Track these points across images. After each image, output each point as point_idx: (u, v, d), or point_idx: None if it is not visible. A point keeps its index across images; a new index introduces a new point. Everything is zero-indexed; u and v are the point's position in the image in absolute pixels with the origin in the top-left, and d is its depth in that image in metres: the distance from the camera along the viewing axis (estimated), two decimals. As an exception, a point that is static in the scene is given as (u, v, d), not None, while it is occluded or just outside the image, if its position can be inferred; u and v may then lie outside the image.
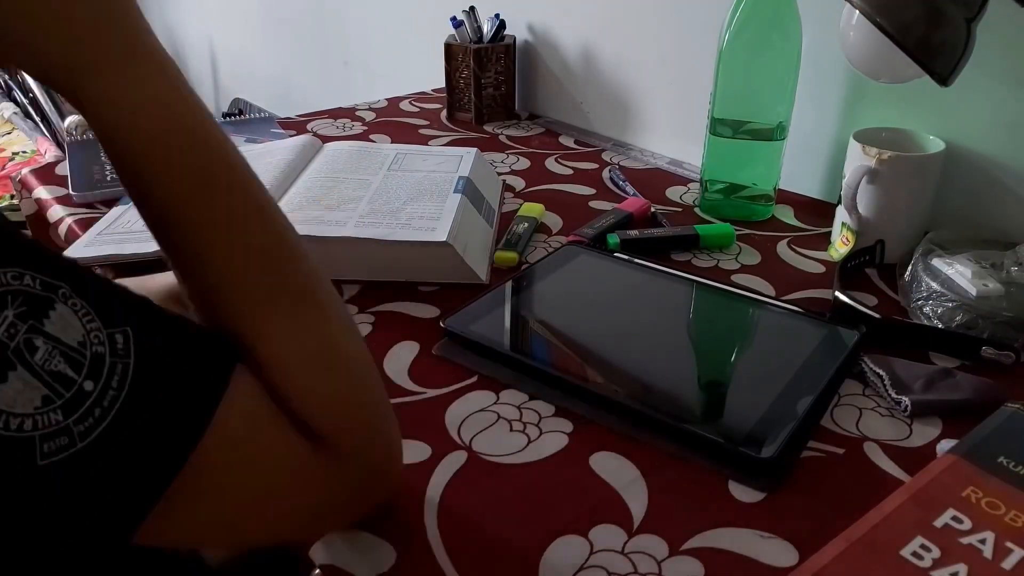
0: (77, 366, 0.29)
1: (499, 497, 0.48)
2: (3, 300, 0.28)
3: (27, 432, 0.28)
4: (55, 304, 0.29)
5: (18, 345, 0.28)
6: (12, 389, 0.27)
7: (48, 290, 0.29)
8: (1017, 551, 0.40)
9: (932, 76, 0.62)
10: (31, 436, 0.28)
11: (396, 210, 0.74)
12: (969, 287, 0.64)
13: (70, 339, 0.29)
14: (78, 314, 0.30)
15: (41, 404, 0.28)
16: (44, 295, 0.29)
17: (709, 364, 0.62)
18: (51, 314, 0.29)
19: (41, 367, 0.28)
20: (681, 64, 1.01)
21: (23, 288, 0.29)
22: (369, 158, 0.88)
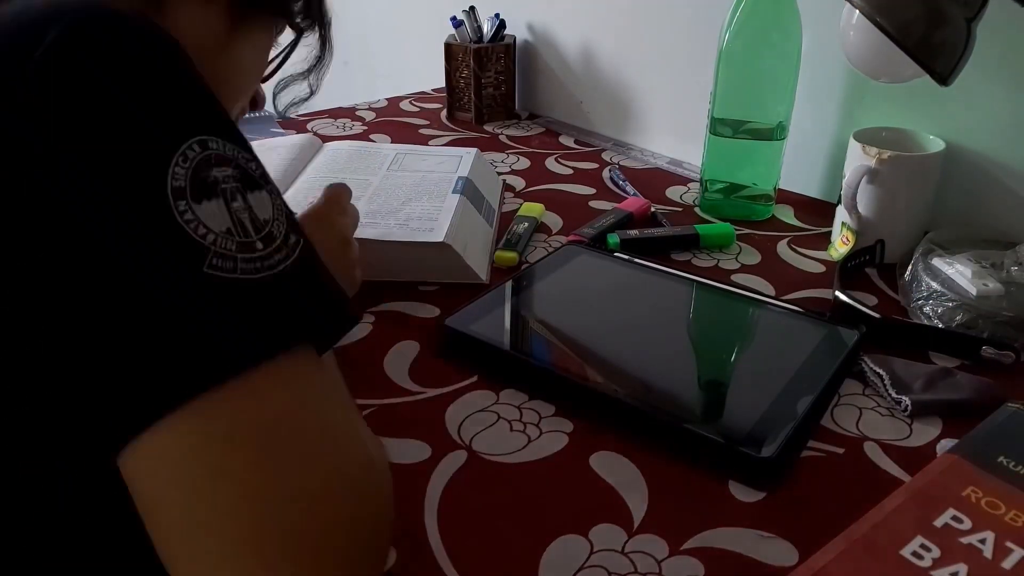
0: (257, 229, 0.35)
1: (499, 497, 0.48)
2: (229, 161, 0.35)
3: (207, 243, 0.33)
4: (262, 189, 0.37)
5: (227, 188, 0.35)
6: (211, 209, 0.34)
7: (262, 179, 0.37)
8: (1017, 551, 0.40)
9: (932, 76, 0.62)
10: (208, 247, 0.33)
11: (395, 210, 0.75)
12: (969, 287, 0.64)
13: (260, 213, 0.36)
14: (274, 205, 0.37)
15: (224, 231, 0.34)
16: (257, 180, 0.37)
17: (709, 364, 0.62)
18: (256, 192, 0.36)
19: (233, 211, 0.35)
20: (681, 64, 1.01)
21: (247, 167, 0.36)
22: (369, 158, 0.88)
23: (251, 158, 0.37)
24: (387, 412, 0.56)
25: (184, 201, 0.33)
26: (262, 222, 0.36)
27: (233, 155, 0.36)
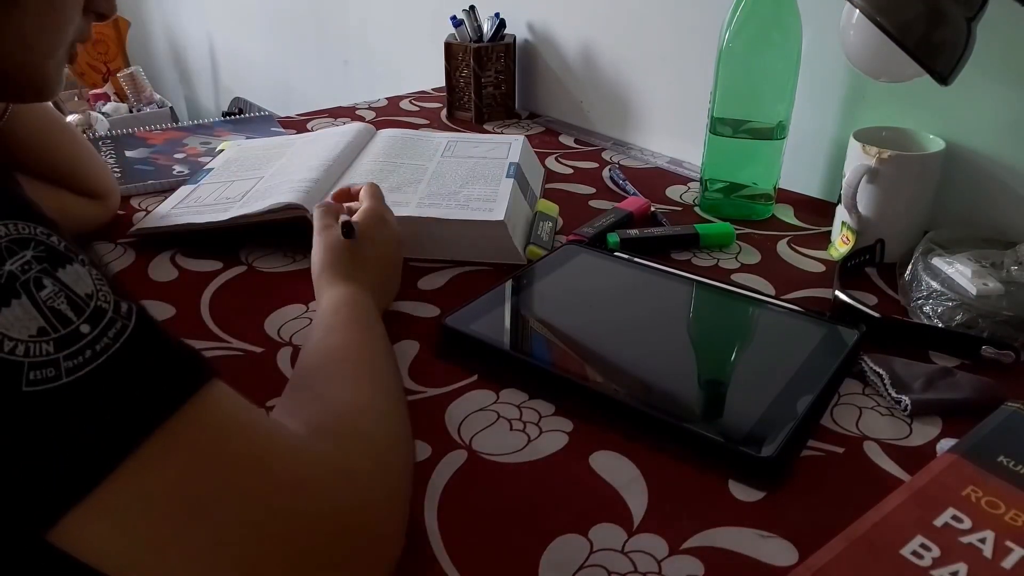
0: (78, 311, 0.32)
1: (499, 496, 0.48)
2: (26, 243, 0.31)
3: (18, 357, 0.29)
4: (73, 262, 0.32)
5: (27, 279, 0.30)
6: (12, 315, 0.30)
7: (70, 252, 0.33)
8: (1017, 550, 0.40)
9: (932, 75, 0.62)
10: (20, 361, 0.29)
11: (454, 192, 0.80)
12: (969, 286, 0.64)
13: (79, 289, 0.32)
14: (92, 276, 0.33)
15: (36, 334, 0.30)
16: (65, 253, 0.32)
17: (709, 363, 0.62)
18: (67, 267, 0.32)
19: (44, 302, 0.31)
20: (681, 63, 1.01)
21: (48, 242, 0.32)
22: (422, 144, 0.93)
23: (50, 230, 0.32)
24: (387, 411, 0.55)
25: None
26: (84, 298, 0.32)
27: (30, 233, 0.31)
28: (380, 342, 0.56)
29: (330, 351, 0.52)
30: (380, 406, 0.48)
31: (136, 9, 2.81)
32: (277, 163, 0.88)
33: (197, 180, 0.87)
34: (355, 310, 0.57)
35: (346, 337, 0.54)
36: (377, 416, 0.47)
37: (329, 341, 0.53)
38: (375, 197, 0.69)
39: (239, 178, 0.85)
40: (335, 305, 0.57)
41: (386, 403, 0.49)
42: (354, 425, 0.44)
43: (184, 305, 0.68)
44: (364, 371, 0.50)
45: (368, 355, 0.53)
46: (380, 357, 0.53)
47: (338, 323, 0.55)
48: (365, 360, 0.52)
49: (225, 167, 0.90)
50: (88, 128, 1.97)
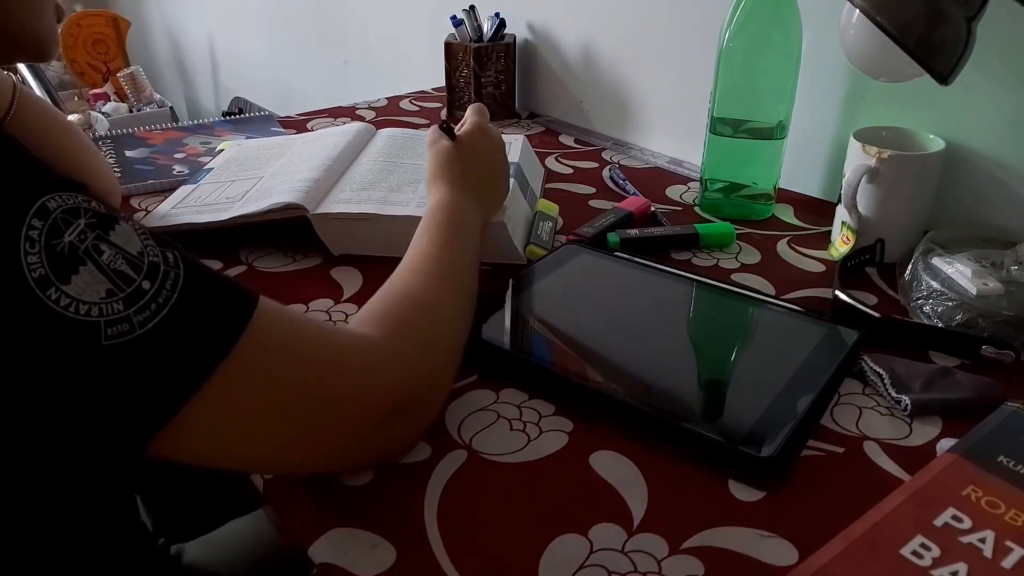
0: (137, 269, 0.36)
1: (499, 496, 0.48)
2: (76, 212, 0.34)
3: (94, 317, 0.33)
4: (119, 221, 0.36)
5: (87, 247, 0.34)
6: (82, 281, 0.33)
7: (112, 212, 0.36)
8: (1017, 550, 0.40)
9: (932, 75, 0.62)
10: (96, 321, 0.33)
11: None
12: (969, 286, 0.64)
13: (131, 248, 0.36)
14: (136, 232, 0.37)
15: (105, 295, 0.34)
16: (109, 215, 0.36)
17: (709, 363, 0.62)
18: (116, 227, 0.36)
19: (106, 266, 0.34)
20: (681, 63, 1.01)
21: (92, 207, 0.35)
22: (423, 144, 0.91)
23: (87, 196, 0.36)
24: (387, 411, 0.55)
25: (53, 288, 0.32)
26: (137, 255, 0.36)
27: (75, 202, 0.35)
28: (463, 244, 0.61)
29: (415, 249, 0.59)
30: (436, 299, 0.55)
31: (136, 9, 2.81)
32: (277, 163, 0.88)
33: (197, 180, 0.87)
34: (450, 214, 0.63)
35: (433, 238, 0.60)
36: (430, 307, 0.54)
37: (418, 241, 0.60)
38: (479, 113, 0.75)
39: (239, 178, 0.85)
40: (434, 208, 0.64)
41: (446, 297, 0.55)
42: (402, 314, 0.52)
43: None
44: (436, 268, 0.57)
45: (447, 254, 0.59)
46: (458, 258, 0.60)
47: (432, 225, 0.62)
48: (441, 259, 0.58)
49: (225, 167, 0.90)
50: (88, 128, 1.97)
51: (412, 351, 0.49)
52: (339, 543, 0.45)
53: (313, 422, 0.43)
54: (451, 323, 0.55)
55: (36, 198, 0.33)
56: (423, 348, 0.50)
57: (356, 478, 0.49)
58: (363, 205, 0.75)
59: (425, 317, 0.53)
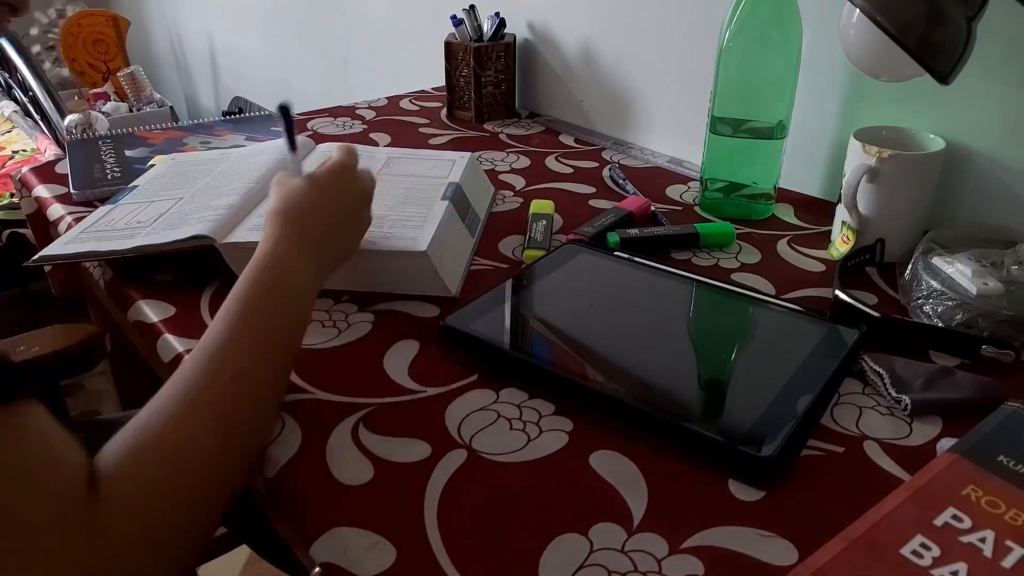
0: None
1: (499, 496, 0.48)
2: None
3: None
4: None
5: None
6: None
7: None
8: (1017, 550, 0.40)
9: (932, 75, 0.62)
10: None
11: (380, 217, 0.72)
12: (969, 286, 0.64)
13: None
14: None
15: None
16: None
17: (709, 363, 0.62)
18: None
19: None
20: (681, 62, 1.01)
21: None
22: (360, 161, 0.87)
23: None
24: (387, 411, 0.56)
25: None
26: None
27: None
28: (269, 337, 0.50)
29: (200, 351, 0.48)
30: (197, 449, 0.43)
31: (136, 9, 2.81)
32: (203, 181, 0.82)
33: (117, 200, 0.81)
34: (266, 274, 0.52)
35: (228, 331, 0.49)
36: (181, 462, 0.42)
37: (209, 334, 0.49)
38: (347, 152, 0.65)
39: (159, 198, 0.79)
40: (256, 264, 0.53)
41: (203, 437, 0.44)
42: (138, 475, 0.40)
43: (184, 305, 0.68)
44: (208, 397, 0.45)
45: (235, 367, 0.47)
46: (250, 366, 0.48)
47: (239, 301, 0.50)
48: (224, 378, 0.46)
49: (150, 185, 0.84)
50: (88, 127, 1.97)
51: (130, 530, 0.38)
52: (339, 542, 0.45)
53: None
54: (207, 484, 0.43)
55: None
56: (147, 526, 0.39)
57: (356, 477, 0.49)
58: None
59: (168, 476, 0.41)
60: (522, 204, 0.89)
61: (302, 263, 0.55)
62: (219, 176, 0.83)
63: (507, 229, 0.83)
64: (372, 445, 0.52)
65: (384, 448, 0.52)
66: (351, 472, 0.50)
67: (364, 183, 0.64)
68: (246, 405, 0.47)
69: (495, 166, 1.00)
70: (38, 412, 0.37)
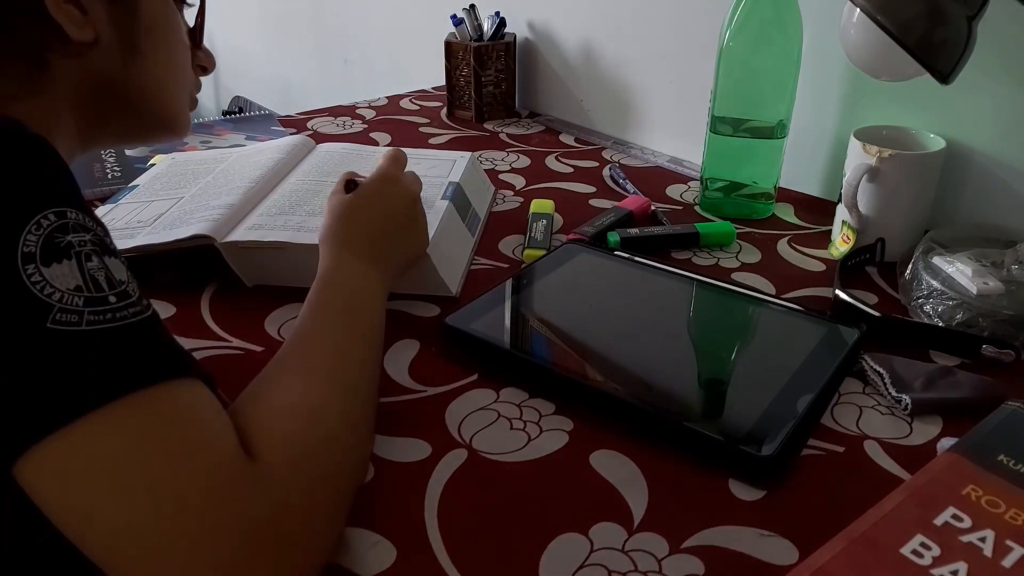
0: (112, 286, 0.39)
1: (499, 495, 0.48)
2: (88, 230, 0.39)
3: (52, 301, 0.37)
4: (117, 256, 0.41)
5: (80, 251, 0.39)
6: (60, 270, 0.37)
7: (116, 251, 0.41)
8: (1017, 549, 0.40)
9: (933, 74, 0.62)
10: (52, 304, 0.36)
11: None
12: (969, 285, 0.64)
13: (116, 274, 0.40)
14: (127, 271, 0.41)
15: (73, 289, 0.37)
16: (113, 248, 0.41)
17: (709, 362, 0.62)
18: (112, 258, 0.40)
19: (87, 270, 0.38)
20: (681, 62, 1.01)
21: (104, 237, 0.41)
22: (360, 161, 0.86)
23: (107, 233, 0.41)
24: (387, 411, 0.56)
25: (33, 265, 0.37)
26: (118, 281, 0.40)
27: (93, 227, 0.40)
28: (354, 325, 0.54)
29: (296, 338, 0.52)
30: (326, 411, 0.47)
31: (136, 8, 2.81)
32: (203, 180, 0.82)
33: (117, 199, 0.81)
34: (338, 288, 0.56)
35: (317, 322, 0.53)
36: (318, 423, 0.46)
37: (301, 326, 0.53)
38: (391, 159, 0.67)
39: (159, 197, 0.79)
40: (322, 279, 0.57)
41: (334, 401, 0.48)
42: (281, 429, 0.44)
43: (185, 304, 0.68)
44: (319, 364, 0.50)
45: (332, 343, 0.52)
46: (346, 345, 0.52)
47: (318, 303, 0.55)
48: (326, 352, 0.51)
49: (150, 184, 0.84)
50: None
51: (292, 484, 0.42)
52: (340, 542, 0.45)
53: (151, 522, 0.37)
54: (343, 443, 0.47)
55: (61, 205, 0.39)
56: (307, 481, 0.43)
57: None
58: (275, 232, 0.69)
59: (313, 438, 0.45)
60: (522, 204, 0.89)
61: (365, 270, 0.59)
62: (219, 175, 0.82)
63: (507, 229, 0.83)
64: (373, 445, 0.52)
65: (384, 448, 0.52)
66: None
67: (409, 188, 0.66)
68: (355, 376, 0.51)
69: (495, 166, 1.00)
70: (201, 388, 0.42)
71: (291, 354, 0.51)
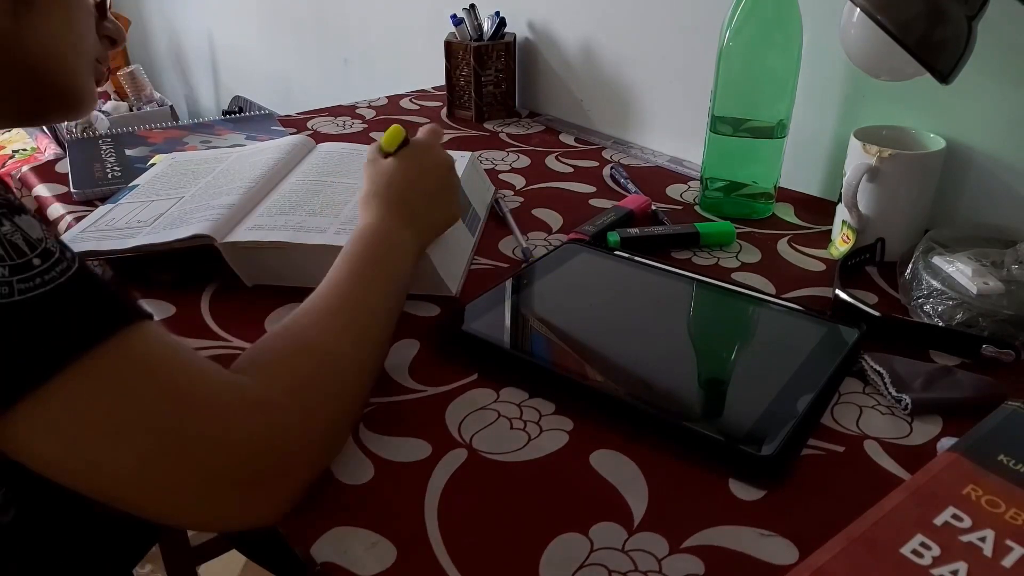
0: (32, 247, 0.38)
1: (499, 495, 0.48)
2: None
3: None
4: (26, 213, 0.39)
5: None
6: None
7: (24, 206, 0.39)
8: (1017, 549, 0.40)
9: (933, 74, 0.62)
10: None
11: None
12: (969, 285, 0.64)
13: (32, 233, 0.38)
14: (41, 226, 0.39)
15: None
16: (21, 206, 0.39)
17: (709, 362, 0.62)
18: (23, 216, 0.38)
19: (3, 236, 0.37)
20: (682, 62, 1.01)
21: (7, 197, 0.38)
22: (360, 160, 0.83)
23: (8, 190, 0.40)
24: (387, 410, 0.56)
25: None
26: (36, 240, 0.38)
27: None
28: (381, 281, 0.57)
29: (326, 282, 0.55)
30: (333, 347, 0.50)
31: (136, 7, 2.81)
32: (203, 180, 0.81)
33: (117, 199, 0.81)
34: (374, 243, 0.59)
35: (347, 272, 0.56)
36: (323, 356, 0.49)
37: (332, 274, 0.56)
38: (430, 132, 0.71)
39: (160, 197, 0.79)
40: (358, 235, 0.60)
41: (346, 347, 0.51)
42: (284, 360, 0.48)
43: (185, 304, 0.68)
44: (340, 309, 0.53)
45: (358, 294, 0.55)
46: (370, 298, 0.55)
47: (351, 256, 0.58)
48: (350, 298, 0.54)
49: (150, 184, 0.84)
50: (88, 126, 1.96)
51: (288, 404, 0.44)
52: (340, 542, 0.45)
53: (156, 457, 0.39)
54: (346, 376, 0.50)
55: None
56: (304, 403, 0.46)
57: (356, 477, 0.50)
58: (275, 232, 0.69)
59: (315, 367, 0.48)
60: (523, 203, 0.89)
61: (401, 231, 0.61)
62: (219, 175, 0.82)
63: (507, 228, 0.83)
64: (373, 444, 0.52)
65: (384, 447, 0.52)
66: (351, 471, 0.50)
67: (445, 157, 0.70)
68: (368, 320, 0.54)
69: (495, 165, 1.00)
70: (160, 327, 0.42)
71: (317, 295, 0.54)
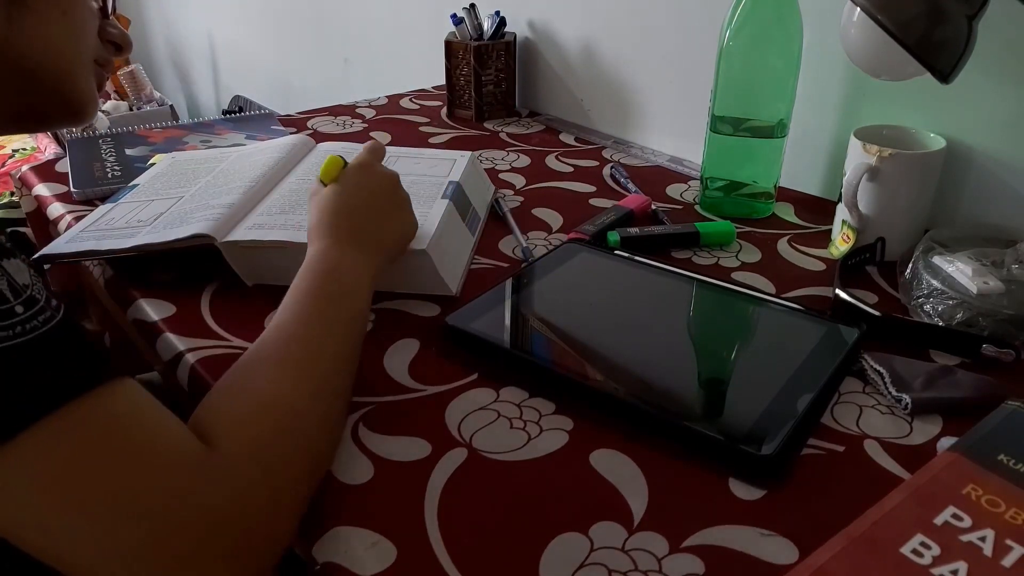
0: (16, 294, 0.37)
1: (499, 494, 0.48)
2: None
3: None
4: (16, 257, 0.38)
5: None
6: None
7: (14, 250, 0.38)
8: (1017, 548, 0.40)
9: (933, 73, 0.62)
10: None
11: None
12: (970, 285, 0.64)
13: (19, 279, 0.37)
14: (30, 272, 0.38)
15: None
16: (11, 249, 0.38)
17: (709, 362, 0.62)
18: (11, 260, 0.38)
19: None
20: (682, 61, 1.01)
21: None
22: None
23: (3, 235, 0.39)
24: (387, 410, 0.56)
25: None
26: (22, 286, 0.37)
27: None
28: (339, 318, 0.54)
29: (273, 329, 0.52)
30: (293, 402, 0.47)
31: (136, 7, 2.81)
32: (203, 180, 0.81)
33: (117, 199, 0.81)
34: (326, 270, 0.56)
35: (300, 311, 0.53)
36: (283, 414, 0.46)
37: (280, 315, 0.53)
38: (369, 150, 0.68)
39: (159, 197, 0.79)
40: (308, 266, 0.56)
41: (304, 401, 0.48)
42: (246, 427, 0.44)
43: (184, 304, 0.68)
44: (292, 355, 0.49)
45: (313, 337, 0.51)
46: (327, 342, 0.52)
47: (303, 291, 0.54)
48: (305, 344, 0.51)
49: (150, 183, 0.84)
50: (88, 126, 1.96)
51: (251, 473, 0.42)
52: (340, 541, 0.45)
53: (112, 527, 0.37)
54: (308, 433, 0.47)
55: None
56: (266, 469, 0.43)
57: (356, 477, 0.50)
58: (275, 232, 0.69)
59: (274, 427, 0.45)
60: (522, 203, 0.89)
61: (353, 255, 0.58)
62: (219, 175, 0.82)
63: (507, 228, 0.83)
64: (372, 444, 0.52)
65: (384, 447, 0.52)
66: (351, 471, 0.50)
67: (387, 173, 0.67)
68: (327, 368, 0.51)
69: (495, 165, 1.00)
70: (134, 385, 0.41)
71: (267, 342, 0.51)
